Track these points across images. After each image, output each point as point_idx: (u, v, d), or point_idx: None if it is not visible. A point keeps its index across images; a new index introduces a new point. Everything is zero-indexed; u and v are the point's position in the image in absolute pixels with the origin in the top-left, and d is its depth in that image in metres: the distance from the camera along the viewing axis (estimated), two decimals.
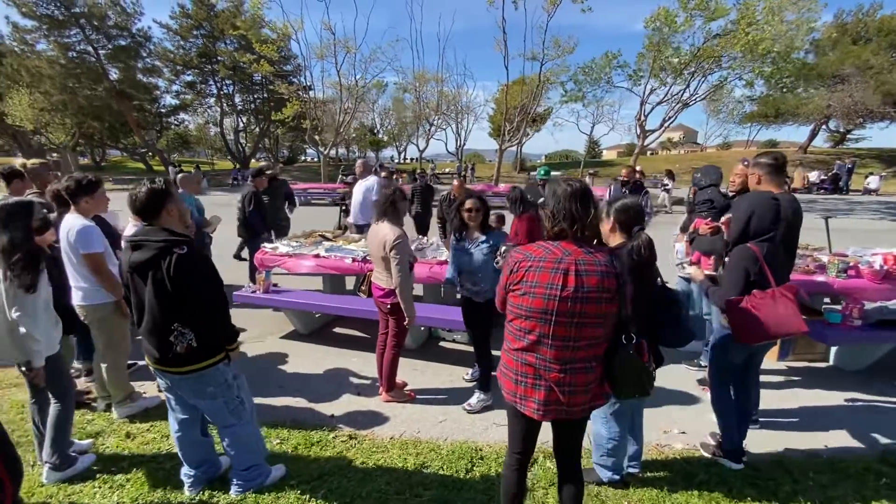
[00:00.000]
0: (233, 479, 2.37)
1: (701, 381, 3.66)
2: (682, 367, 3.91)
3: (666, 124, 17.04)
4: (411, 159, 35.03)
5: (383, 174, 8.64)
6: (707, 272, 2.77)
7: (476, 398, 3.27)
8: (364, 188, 6.63)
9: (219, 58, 32.43)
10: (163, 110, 37.42)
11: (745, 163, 3.31)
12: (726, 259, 2.50)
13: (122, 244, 2.22)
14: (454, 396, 3.44)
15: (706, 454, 2.72)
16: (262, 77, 29.23)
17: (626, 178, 5.51)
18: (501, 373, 1.83)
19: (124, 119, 31.82)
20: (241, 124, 41.00)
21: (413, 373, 3.87)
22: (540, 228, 4.22)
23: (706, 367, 3.67)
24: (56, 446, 2.48)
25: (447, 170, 29.91)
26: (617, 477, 2.40)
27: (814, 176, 19.68)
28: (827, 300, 4.20)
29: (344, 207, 7.84)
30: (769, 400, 3.37)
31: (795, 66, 15.12)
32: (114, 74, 30.31)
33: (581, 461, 1.96)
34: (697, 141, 58.78)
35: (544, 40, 16.44)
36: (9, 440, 1.79)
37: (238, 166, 35.43)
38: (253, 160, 41.55)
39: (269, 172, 6.52)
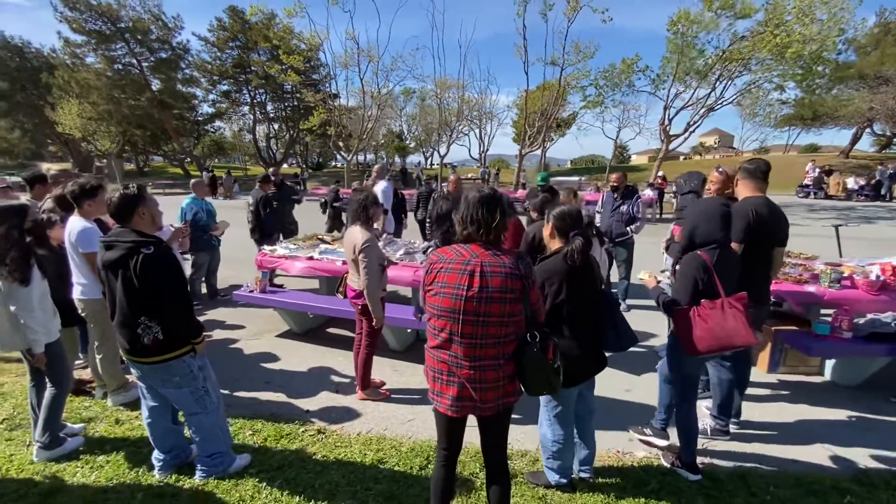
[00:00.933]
0: (197, 465, 2.53)
1: None
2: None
3: (691, 129, 16.57)
4: (441, 165, 35.56)
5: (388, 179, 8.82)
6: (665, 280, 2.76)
7: None
8: (377, 192, 6.84)
9: (252, 68, 33.82)
10: (200, 118, 39.27)
11: (721, 170, 3.27)
12: (677, 267, 2.49)
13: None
14: (428, 398, 3.51)
15: (665, 463, 2.69)
16: (291, 86, 30.26)
17: (615, 184, 5.45)
18: (425, 371, 1.90)
19: (165, 127, 33.64)
20: (273, 131, 42.52)
21: (393, 373, 3.98)
22: (520, 232, 4.26)
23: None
24: (47, 427, 2.71)
25: (469, 175, 30.01)
26: (564, 480, 2.42)
27: (851, 182, 18.63)
28: (826, 312, 4.05)
29: (331, 211, 8.02)
30: (750, 412, 3.29)
31: (829, 68, 14.42)
32: (155, 85, 32.15)
33: (507, 460, 2.00)
34: (733, 145, 56.67)
35: (564, 45, 16.37)
36: None
37: (278, 172, 36.67)
38: (284, 165, 43.02)
39: (274, 178, 6.80)
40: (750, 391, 3.60)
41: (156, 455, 2.57)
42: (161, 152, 41.64)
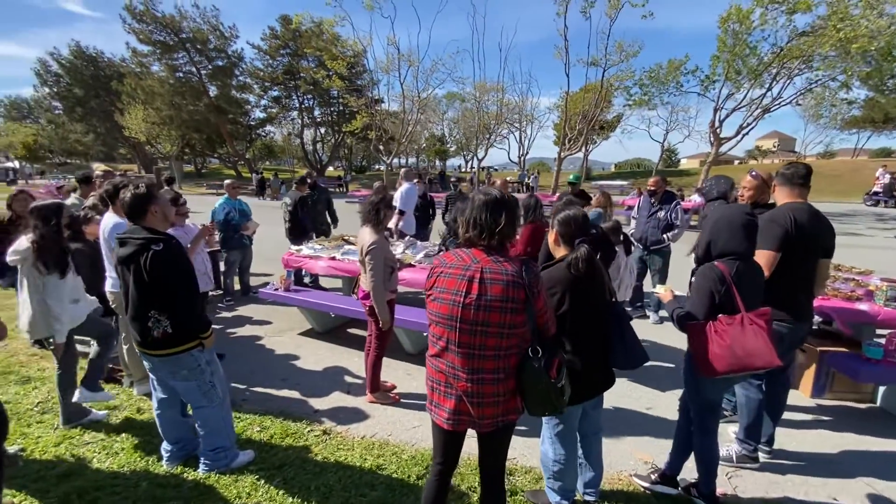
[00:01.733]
0: (201, 458, 2.60)
1: None
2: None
3: (743, 132, 15.56)
4: (477, 168, 35.75)
5: (416, 181, 8.86)
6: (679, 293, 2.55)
7: None
8: (399, 195, 6.92)
9: (301, 74, 35.23)
10: (252, 123, 41.29)
11: (754, 174, 3.00)
12: (692, 279, 2.29)
13: (112, 241, 2.61)
14: None
15: (679, 491, 2.49)
16: (337, 91, 31.28)
17: (653, 188, 5.16)
18: (426, 380, 1.84)
19: (220, 131, 35.63)
20: (319, 135, 44.03)
21: (406, 377, 3.95)
22: (542, 238, 4.13)
23: (728, 397, 3.36)
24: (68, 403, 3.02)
25: (508, 178, 29.70)
26: (565, 502, 2.28)
27: None
28: (882, 333, 3.64)
29: None
30: (785, 439, 3.01)
31: None
32: (212, 91, 34.11)
33: (504, 476, 1.90)
34: (795, 149, 52.89)
35: (607, 45, 15.87)
36: None
37: (314, 174, 38.03)
38: (330, 168, 44.45)
39: (309, 180, 6.97)
40: (788, 416, 3.29)
41: (164, 446, 2.67)
42: (216, 155, 44.13)
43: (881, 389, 3.43)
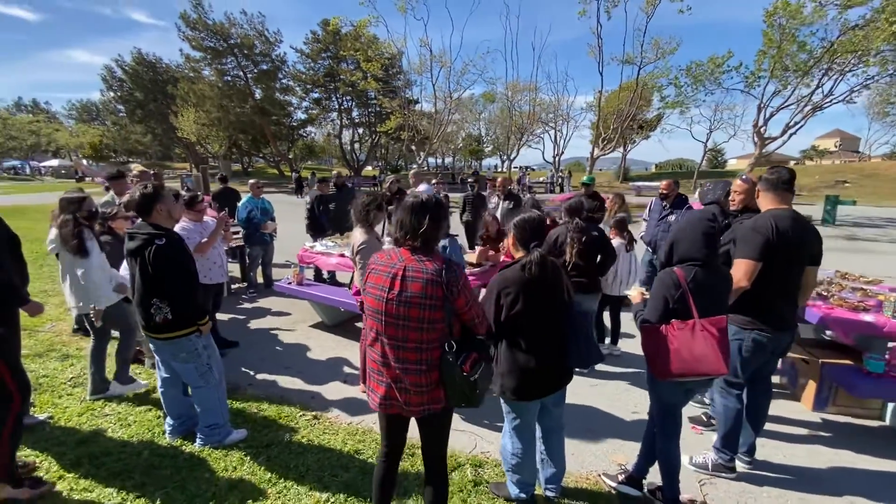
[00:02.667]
0: (198, 434, 2.86)
1: (693, 420, 3.29)
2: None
3: (790, 131, 14.67)
4: (519, 168, 35.72)
5: (433, 182, 9.02)
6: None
7: None
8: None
9: (340, 76, 36.30)
10: (294, 124, 42.90)
11: (745, 178, 2.94)
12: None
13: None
14: None
15: (644, 493, 2.50)
16: (374, 92, 32.04)
17: (665, 192, 5.05)
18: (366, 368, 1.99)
19: (264, 132, 37.30)
20: (357, 136, 45.16)
21: None
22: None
23: (710, 403, 3.31)
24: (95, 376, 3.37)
25: (541, 179, 29.38)
26: (523, 495, 2.35)
27: None
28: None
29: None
30: (772, 451, 2.94)
31: None
32: (257, 94, 35.75)
33: (444, 463, 2.02)
34: (858, 149, 49.06)
35: (643, 42, 15.40)
36: (22, 366, 2.46)
37: (351, 174, 39.11)
38: (368, 168, 45.56)
39: (334, 182, 7.27)
40: (782, 429, 3.22)
41: (168, 420, 2.96)
42: (261, 155, 46.21)
43: (890, 406, 3.25)
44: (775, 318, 2.50)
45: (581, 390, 3.75)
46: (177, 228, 4.03)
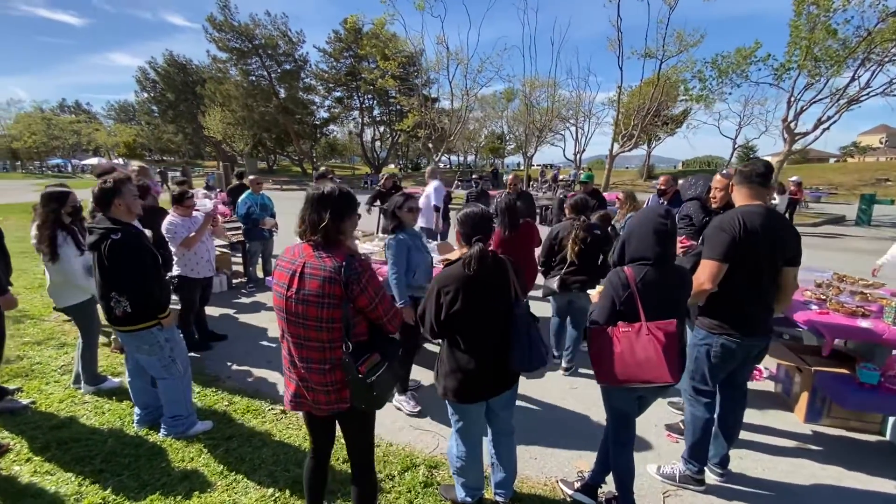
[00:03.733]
0: (162, 424, 2.91)
1: (670, 427, 3.13)
2: (664, 404, 3.39)
3: (823, 126, 13.88)
4: (543, 165, 35.28)
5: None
6: None
7: (399, 399, 3.38)
8: (426, 193, 7.11)
9: (361, 75, 36.67)
10: (317, 123, 43.62)
11: (725, 173, 2.77)
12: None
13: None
14: None
15: (598, 502, 2.39)
16: (394, 91, 32.24)
17: (662, 188, 4.84)
18: None
19: (287, 130, 38.08)
20: (378, 134, 45.57)
21: None
22: (512, 240, 4.05)
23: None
24: (85, 368, 3.44)
25: (562, 177, 28.86)
26: (469, 499, 2.29)
27: None
28: None
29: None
30: (749, 464, 2.78)
31: None
32: (281, 93, 36.51)
33: (368, 463, 1.97)
34: None
35: (665, 35, 14.87)
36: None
37: (370, 171, 39.51)
38: (392, 166, 45.95)
39: (330, 176, 7.33)
40: (768, 440, 3.04)
41: (136, 410, 3.02)
42: (285, 153, 47.22)
43: (891, 420, 3.01)
44: (746, 323, 2.33)
45: (559, 393, 3.64)
46: (165, 223, 4.16)
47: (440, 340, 2.16)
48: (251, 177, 6.69)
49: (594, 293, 2.42)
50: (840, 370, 3.06)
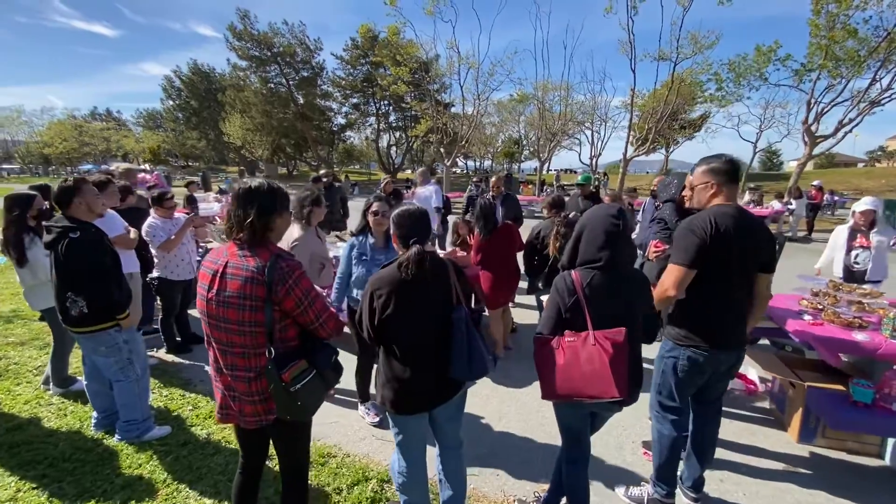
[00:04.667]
0: (117, 428, 2.86)
1: (647, 445, 2.92)
2: (643, 418, 3.18)
3: (845, 129, 13.27)
4: (562, 170, 35.00)
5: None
6: None
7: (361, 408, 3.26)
8: (423, 196, 7.05)
9: (378, 81, 36.98)
10: (334, 129, 44.12)
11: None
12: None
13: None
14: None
15: None
16: (407, 96, 32.34)
17: (657, 189, 4.62)
18: None
19: (305, 136, 38.65)
20: (394, 139, 45.85)
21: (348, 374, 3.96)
22: (492, 244, 3.92)
23: None
24: (54, 372, 3.43)
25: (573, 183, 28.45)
26: None
27: None
28: None
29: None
30: (731, 487, 2.57)
31: None
32: (300, 100, 37.09)
33: (299, 477, 1.86)
34: None
35: (678, 37, 14.48)
36: None
37: (332, 175, 39.76)
38: (408, 171, 46.13)
39: (325, 180, 7.33)
40: (755, 462, 2.81)
41: (94, 413, 2.98)
42: (303, 159, 47.92)
43: (890, 442, 2.74)
44: (715, 334, 2.13)
45: (535, 403, 3.46)
46: (144, 225, 4.16)
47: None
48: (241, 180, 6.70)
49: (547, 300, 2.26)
50: (834, 386, 2.81)
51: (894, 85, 11.99)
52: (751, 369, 3.75)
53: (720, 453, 2.75)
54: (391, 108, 41.52)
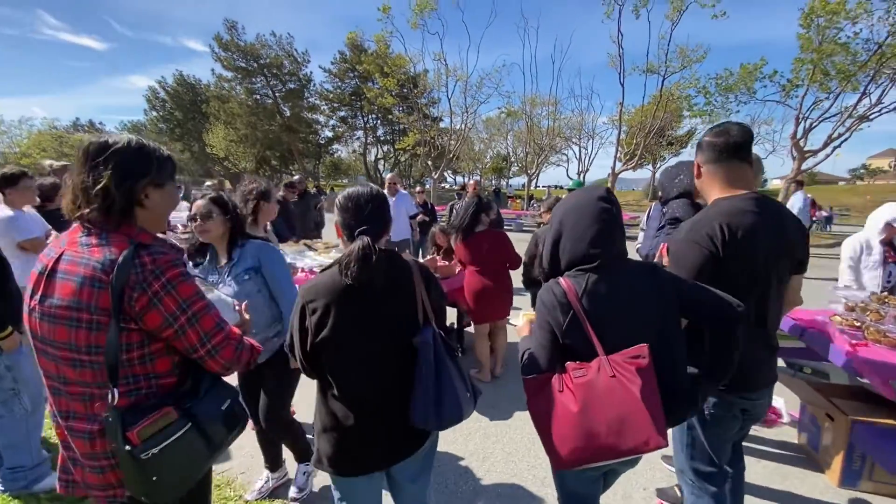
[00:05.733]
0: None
1: (662, 494, 2.40)
2: (656, 460, 2.67)
3: (833, 144, 13.23)
4: (553, 186, 34.98)
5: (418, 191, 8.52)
6: None
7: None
8: (395, 204, 6.55)
9: (365, 94, 36.80)
10: (321, 142, 43.72)
11: None
12: None
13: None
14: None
15: None
16: (394, 108, 32.16)
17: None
18: None
19: (291, 149, 38.13)
20: (381, 153, 45.64)
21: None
22: (475, 247, 3.44)
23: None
24: None
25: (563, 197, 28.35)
26: None
27: None
28: None
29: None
30: None
31: None
32: (286, 112, 36.68)
33: None
34: None
35: (667, 51, 14.46)
36: None
37: (303, 182, 39.39)
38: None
39: (298, 186, 6.84)
40: None
41: None
42: (289, 171, 47.31)
43: None
44: (747, 374, 1.57)
45: (525, 439, 2.92)
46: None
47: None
48: (209, 184, 6.17)
49: (521, 323, 1.73)
50: (887, 421, 2.33)
51: (884, 99, 11.98)
52: (775, 395, 3.27)
53: (749, 501, 2.25)
54: (379, 121, 41.36)
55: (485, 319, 3.66)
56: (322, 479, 2.44)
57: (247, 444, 2.67)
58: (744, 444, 2.02)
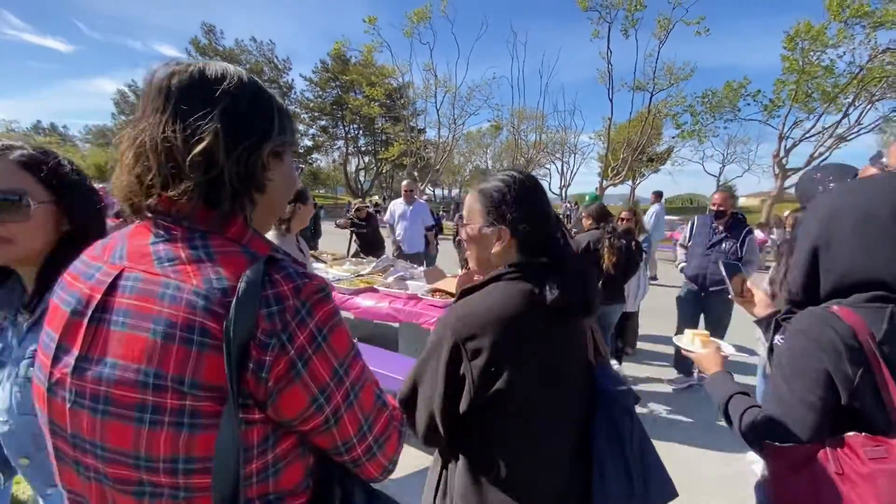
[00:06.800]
0: None
1: None
2: None
3: (814, 163, 13.70)
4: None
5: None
6: None
7: None
8: (412, 214, 6.07)
9: (347, 105, 36.37)
10: (300, 150, 42.87)
11: (881, 161, 1.81)
12: (778, 340, 1.10)
13: None
14: None
15: None
16: (379, 118, 31.90)
17: (721, 207, 3.83)
18: None
19: None
20: (363, 163, 45.12)
21: None
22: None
23: None
24: None
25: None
26: None
27: None
28: None
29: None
30: None
31: None
32: None
33: None
34: None
35: (655, 69, 14.72)
36: None
37: (352, 201, 38.76)
38: (376, 197, 45.25)
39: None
40: None
41: None
42: None
43: None
44: None
45: None
46: None
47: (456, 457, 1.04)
48: None
49: (695, 346, 1.35)
50: None
51: (863, 120, 12.47)
52: None
53: None
54: (361, 131, 40.94)
55: None
56: None
57: None
58: None
